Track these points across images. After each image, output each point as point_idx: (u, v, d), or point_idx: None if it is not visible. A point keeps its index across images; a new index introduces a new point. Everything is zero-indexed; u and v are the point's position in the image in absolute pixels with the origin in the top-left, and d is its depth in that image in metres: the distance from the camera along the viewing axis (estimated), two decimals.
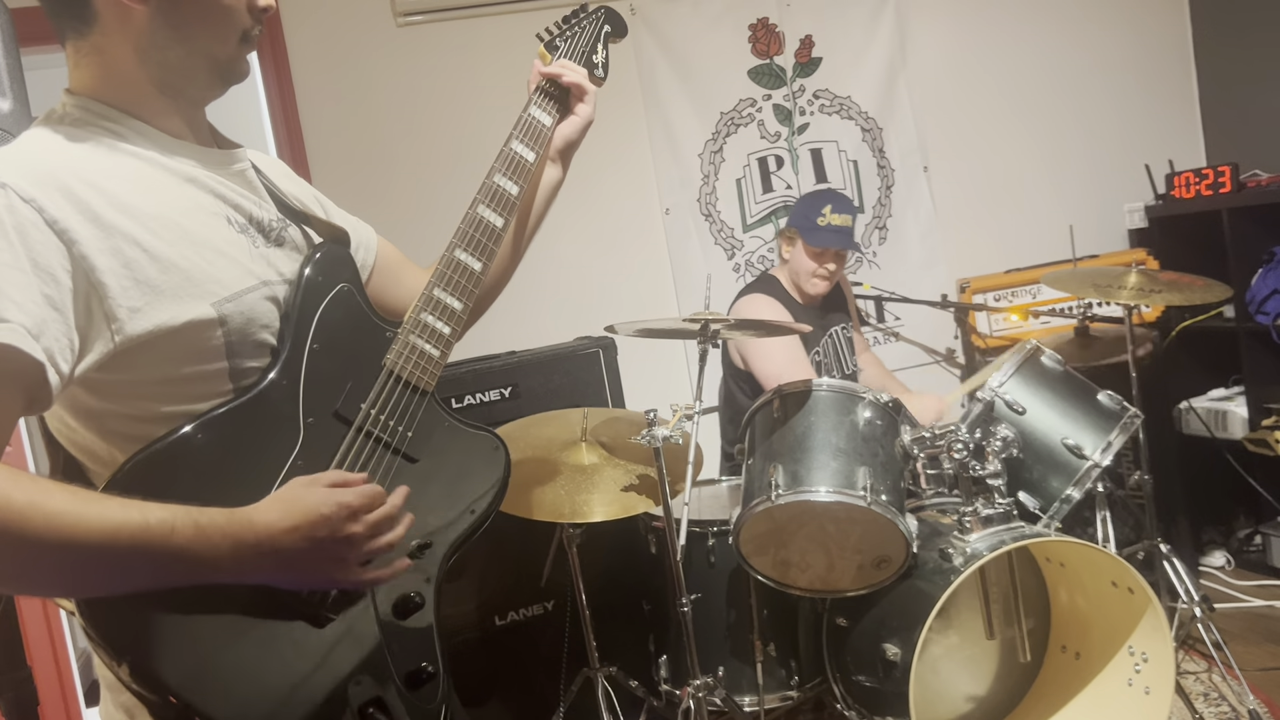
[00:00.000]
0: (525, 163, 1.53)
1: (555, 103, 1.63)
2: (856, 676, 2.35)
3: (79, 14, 1.19)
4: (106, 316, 1.10)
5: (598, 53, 1.72)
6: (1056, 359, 2.59)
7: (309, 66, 3.41)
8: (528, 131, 1.56)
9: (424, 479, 1.33)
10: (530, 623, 2.86)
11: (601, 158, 3.62)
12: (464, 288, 1.41)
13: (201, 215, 1.22)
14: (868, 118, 3.91)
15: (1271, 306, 3.50)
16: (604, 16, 1.75)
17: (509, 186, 1.50)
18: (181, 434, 1.15)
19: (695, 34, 3.75)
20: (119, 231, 1.12)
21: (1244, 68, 4.01)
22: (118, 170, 1.16)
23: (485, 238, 1.45)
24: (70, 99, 1.21)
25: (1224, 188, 3.65)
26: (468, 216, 1.46)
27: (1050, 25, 4.06)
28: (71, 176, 1.11)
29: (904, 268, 3.94)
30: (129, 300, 1.11)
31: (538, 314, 3.53)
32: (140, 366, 1.14)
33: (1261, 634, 3.20)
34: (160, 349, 1.14)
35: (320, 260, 1.32)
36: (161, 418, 1.16)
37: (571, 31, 1.70)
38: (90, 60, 1.21)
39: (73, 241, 1.08)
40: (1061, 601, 2.49)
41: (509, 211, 1.49)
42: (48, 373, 1.05)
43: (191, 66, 1.24)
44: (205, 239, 1.20)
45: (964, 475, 2.35)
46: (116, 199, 1.13)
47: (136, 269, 1.12)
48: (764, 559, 2.36)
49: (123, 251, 1.11)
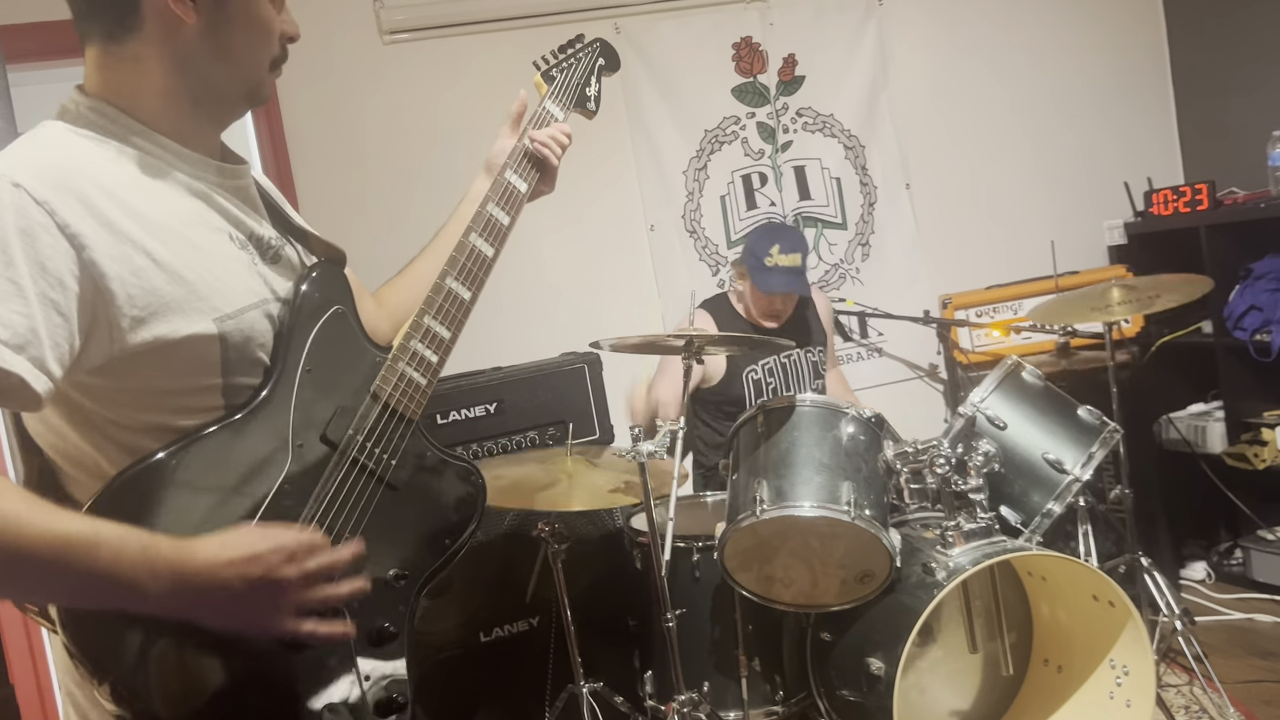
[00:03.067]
0: (518, 192, 1.55)
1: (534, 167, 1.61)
2: (841, 691, 2.35)
3: (123, 19, 1.18)
4: (109, 324, 1.10)
5: (591, 85, 1.73)
6: (1037, 374, 2.61)
7: (295, 84, 3.42)
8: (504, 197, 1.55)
9: (404, 507, 1.33)
10: (515, 639, 2.85)
11: (587, 175, 3.64)
12: (454, 316, 1.41)
13: (205, 229, 1.22)
14: (850, 135, 3.94)
15: (1249, 322, 3.54)
16: (599, 49, 1.76)
17: (501, 217, 1.52)
18: (171, 451, 1.15)
19: (679, 53, 3.78)
20: (129, 239, 1.12)
21: (1221, 86, 4.07)
22: (129, 177, 1.16)
23: (476, 267, 1.46)
24: (85, 99, 1.20)
25: (1201, 205, 3.70)
26: (460, 244, 1.46)
27: (1030, 45, 4.11)
28: (85, 180, 1.11)
29: (887, 284, 3.97)
30: (133, 309, 1.11)
31: (523, 330, 3.54)
32: (135, 375, 1.14)
33: (1242, 647, 3.23)
34: (157, 360, 1.14)
35: (316, 280, 1.32)
36: (149, 428, 1.16)
37: (568, 63, 1.70)
38: (123, 66, 1.19)
39: (83, 247, 1.08)
40: (1043, 615, 2.51)
41: (499, 242, 1.50)
42: (28, 383, 1.04)
43: (226, 85, 1.25)
44: (209, 253, 1.20)
45: (946, 490, 2.38)
46: (128, 205, 1.13)
47: (144, 277, 1.12)
48: (748, 574, 2.37)
49: (131, 259, 1.11)
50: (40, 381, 1.05)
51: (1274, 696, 2.88)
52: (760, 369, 3.20)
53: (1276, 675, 3.01)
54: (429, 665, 2.75)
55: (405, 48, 3.55)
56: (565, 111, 1.69)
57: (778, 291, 3.10)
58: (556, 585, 2.53)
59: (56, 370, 1.07)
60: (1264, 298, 3.51)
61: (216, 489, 1.16)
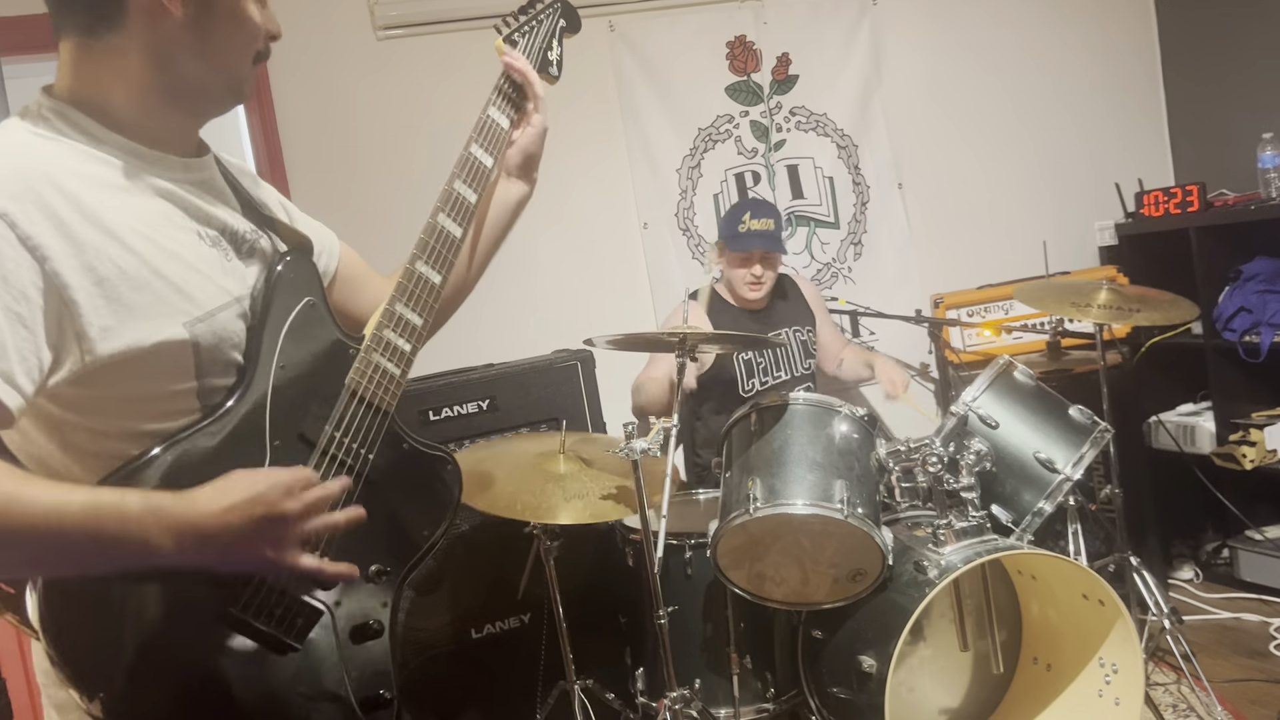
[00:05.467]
0: (483, 168, 1.49)
1: (512, 105, 1.57)
2: (832, 689, 2.36)
3: (105, 11, 1.15)
4: (77, 335, 1.09)
5: (553, 49, 1.67)
6: (1029, 374, 2.62)
7: (288, 78, 3.41)
8: (485, 134, 1.52)
9: (381, 501, 1.32)
10: (506, 636, 2.85)
11: (580, 172, 3.64)
12: (424, 302, 1.38)
13: (173, 230, 1.20)
14: (843, 135, 3.95)
15: (1238, 324, 3.56)
16: (560, 10, 1.69)
17: (467, 194, 1.46)
18: (149, 457, 1.13)
19: (673, 51, 3.78)
20: (93, 246, 1.09)
21: (1212, 88, 4.09)
22: (93, 181, 1.13)
23: (445, 248, 1.42)
24: (48, 101, 1.18)
25: (1192, 207, 3.71)
26: (427, 226, 1.42)
27: (1023, 46, 4.12)
28: (47, 186, 1.08)
29: (879, 283, 3.98)
30: (100, 319, 1.09)
31: (516, 327, 3.54)
32: (107, 383, 1.12)
33: (1229, 646, 3.24)
34: (129, 368, 1.13)
35: (284, 273, 1.29)
36: (125, 434, 1.15)
37: (529, 25, 1.65)
38: (99, 61, 1.17)
39: (45, 258, 1.06)
40: (1033, 614, 2.52)
41: (467, 220, 1.45)
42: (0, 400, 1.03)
43: (209, 79, 1.23)
44: (178, 255, 1.18)
45: (938, 488, 2.38)
46: (91, 211, 1.11)
47: (109, 286, 1.10)
48: (740, 572, 2.38)
49: (96, 268, 1.09)
50: (11, 398, 1.04)
51: (1260, 695, 2.90)
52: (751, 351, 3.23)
53: (1263, 674, 3.03)
54: (420, 662, 2.74)
55: (399, 43, 3.54)
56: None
57: (754, 249, 3.16)
58: (548, 582, 2.53)
59: (28, 386, 1.06)
60: (1253, 299, 3.53)
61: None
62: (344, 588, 1.28)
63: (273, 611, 1.20)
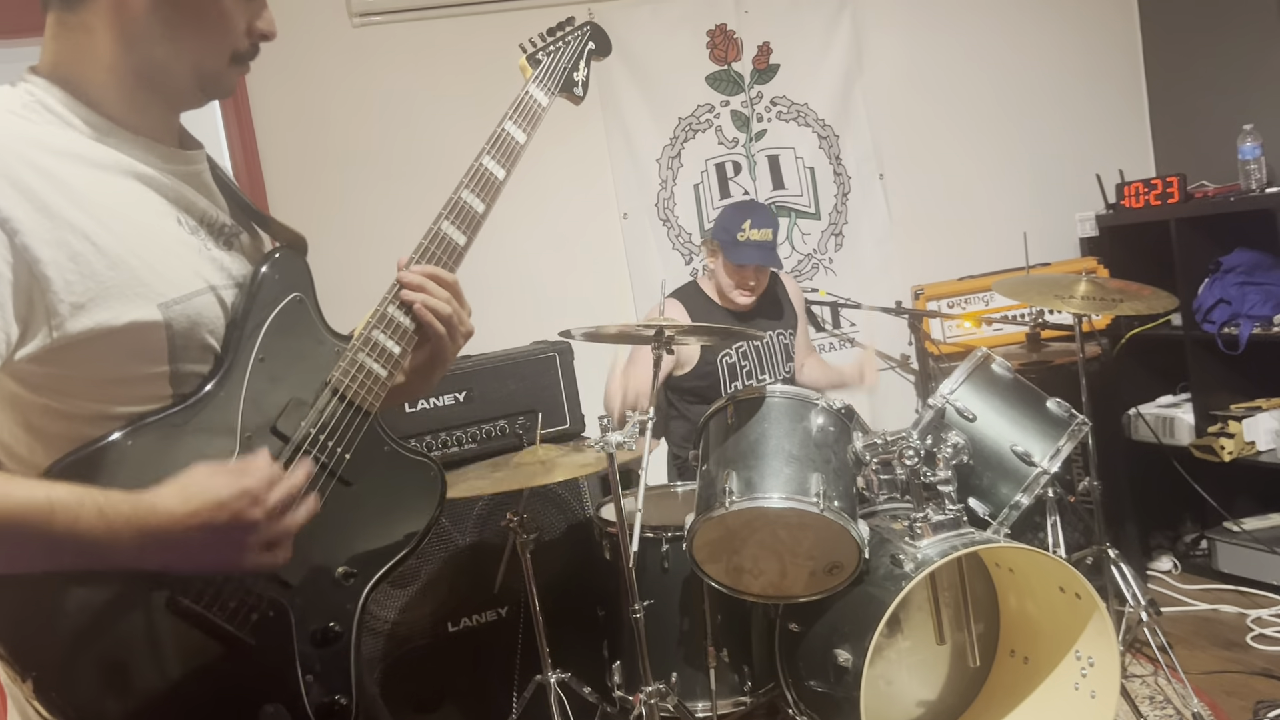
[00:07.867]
0: (495, 179, 1.46)
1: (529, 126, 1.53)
2: (809, 682, 2.36)
3: None
4: (47, 310, 1.07)
5: (579, 70, 1.65)
6: (1007, 366, 2.62)
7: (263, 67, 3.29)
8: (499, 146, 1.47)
9: (357, 504, 1.29)
10: (483, 629, 2.84)
11: (559, 162, 3.60)
12: None
13: (149, 213, 1.19)
14: (824, 125, 3.93)
15: (1218, 315, 3.57)
16: (589, 33, 1.68)
17: (475, 203, 1.43)
18: (113, 440, 1.11)
19: (654, 40, 3.76)
20: (67, 223, 1.08)
21: (1192, 80, 4.09)
22: (69, 158, 1.13)
23: (444, 254, 1.39)
24: (28, 78, 1.17)
25: (1172, 198, 3.72)
26: (429, 232, 1.39)
27: (1004, 37, 4.11)
28: (20, 161, 1.08)
29: (859, 274, 3.97)
30: (72, 295, 1.08)
31: (493, 318, 3.47)
32: (76, 363, 1.10)
33: (1207, 638, 3.26)
34: (99, 347, 1.11)
35: (274, 267, 1.27)
36: (92, 417, 1.13)
37: (556, 46, 1.63)
38: (74, 36, 1.16)
39: (15, 231, 1.05)
40: (1010, 606, 2.52)
41: (471, 229, 1.42)
42: None
43: (175, 68, 1.21)
44: (154, 237, 1.17)
45: (915, 481, 2.37)
46: (66, 187, 1.10)
47: (82, 263, 1.08)
48: (717, 565, 2.37)
49: (69, 244, 1.08)
50: None
51: (1236, 687, 2.91)
52: (734, 353, 3.20)
53: (1240, 666, 3.04)
54: (396, 655, 2.73)
55: (376, 30, 3.50)
56: (550, 97, 1.60)
57: (751, 264, 3.11)
58: (525, 575, 2.52)
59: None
60: (1233, 291, 3.54)
61: (159, 479, 1.11)
62: (308, 588, 1.25)
63: (226, 603, 1.17)
